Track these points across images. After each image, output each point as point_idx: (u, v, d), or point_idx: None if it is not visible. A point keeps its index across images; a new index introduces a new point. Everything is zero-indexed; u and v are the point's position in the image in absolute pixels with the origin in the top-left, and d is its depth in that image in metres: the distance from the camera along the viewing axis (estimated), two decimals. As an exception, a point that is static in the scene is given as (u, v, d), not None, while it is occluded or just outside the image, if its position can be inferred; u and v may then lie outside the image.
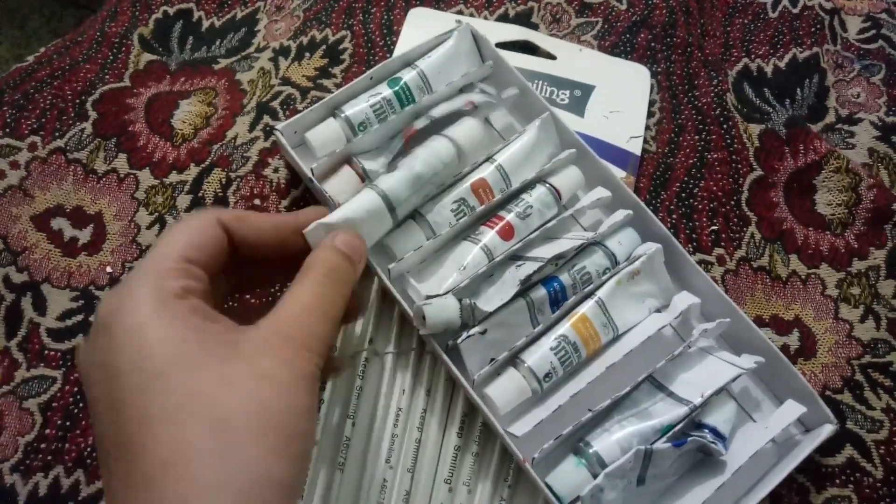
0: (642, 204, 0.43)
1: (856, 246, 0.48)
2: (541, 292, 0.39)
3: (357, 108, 0.44)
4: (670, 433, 0.37)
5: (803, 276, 0.47)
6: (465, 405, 0.40)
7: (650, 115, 0.51)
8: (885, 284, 0.47)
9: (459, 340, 0.37)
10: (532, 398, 0.38)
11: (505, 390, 0.37)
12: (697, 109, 0.51)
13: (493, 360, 0.38)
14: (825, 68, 0.54)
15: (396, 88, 0.45)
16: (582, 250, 0.41)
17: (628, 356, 0.38)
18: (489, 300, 0.39)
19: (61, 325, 0.43)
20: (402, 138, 0.43)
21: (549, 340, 0.39)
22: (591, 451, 0.37)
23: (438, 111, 0.44)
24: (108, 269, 0.44)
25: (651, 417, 0.38)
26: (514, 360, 0.39)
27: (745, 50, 0.55)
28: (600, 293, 0.40)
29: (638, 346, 0.39)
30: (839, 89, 0.54)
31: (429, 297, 0.38)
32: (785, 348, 0.45)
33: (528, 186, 0.43)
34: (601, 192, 0.43)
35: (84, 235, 0.45)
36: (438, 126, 0.44)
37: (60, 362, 0.42)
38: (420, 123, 0.44)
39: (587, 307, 0.40)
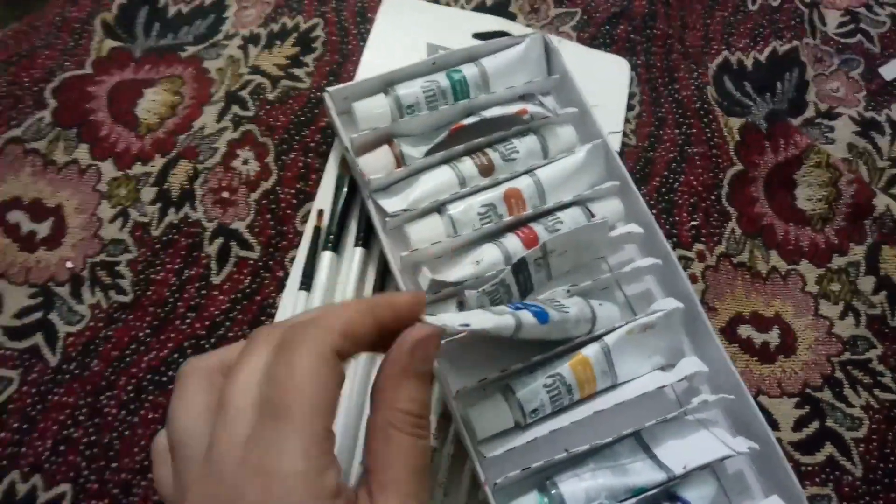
0: (673, 255, 0.41)
1: (836, 241, 0.47)
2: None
3: (410, 89, 0.43)
4: (641, 496, 0.35)
5: (783, 272, 0.46)
6: (438, 408, 0.39)
7: (630, 108, 0.50)
8: (865, 280, 0.46)
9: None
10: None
11: (487, 418, 0.36)
12: (678, 102, 0.50)
13: (483, 379, 0.36)
14: (805, 62, 0.53)
15: (454, 80, 0.43)
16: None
17: (620, 406, 0.36)
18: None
19: (18, 323, 0.41)
20: (447, 130, 0.42)
21: (543, 376, 0.37)
22: (555, 491, 0.35)
23: (491, 112, 0.43)
24: (69, 265, 0.42)
25: (626, 475, 0.36)
26: (503, 387, 0.37)
27: (725, 43, 0.54)
28: (608, 339, 0.38)
29: (632, 400, 0.37)
30: (818, 83, 0.53)
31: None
32: (765, 345, 0.44)
33: (564, 206, 0.41)
34: (634, 228, 0.41)
35: (43, 229, 0.43)
36: (493, 129, 0.42)
37: (17, 362, 0.40)
38: (469, 120, 0.42)
39: (591, 350, 0.38)
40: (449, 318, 0.30)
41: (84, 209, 0.44)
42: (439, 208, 0.41)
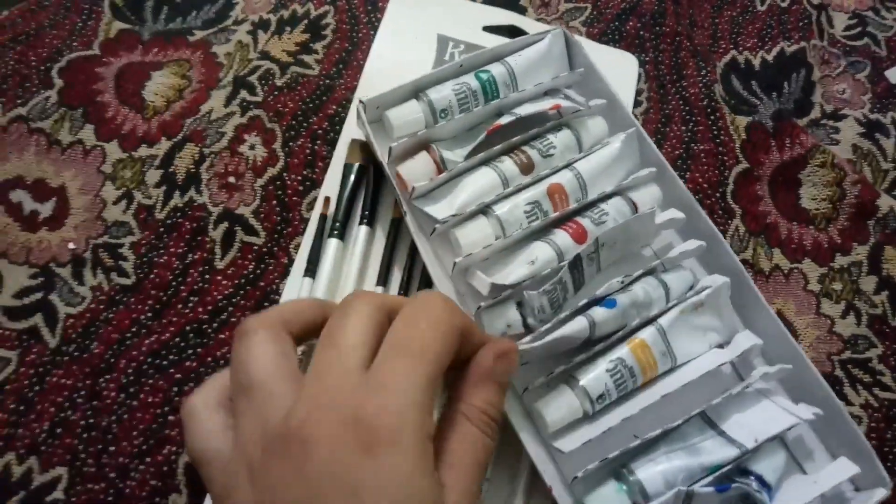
0: (718, 234, 0.41)
1: (839, 241, 0.47)
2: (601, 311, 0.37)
3: (441, 93, 0.42)
4: (716, 475, 0.35)
5: (786, 271, 0.46)
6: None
7: (637, 104, 0.50)
8: (867, 280, 0.46)
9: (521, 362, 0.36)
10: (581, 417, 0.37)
11: (556, 408, 0.35)
12: (685, 100, 0.50)
13: (549, 374, 0.36)
14: (812, 63, 0.54)
15: (483, 81, 0.43)
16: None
17: (684, 388, 0.36)
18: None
19: (18, 304, 0.40)
20: (485, 132, 0.42)
21: (605, 362, 0.37)
22: (633, 478, 0.35)
23: (524, 110, 0.43)
24: (71, 246, 0.42)
25: (699, 454, 0.35)
26: (568, 377, 0.37)
27: (733, 42, 0.54)
28: (662, 321, 0.38)
29: (695, 380, 0.37)
30: (825, 85, 0.53)
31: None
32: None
33: (606, 197, 0.41)
34: (675, 214, 0.41)
35: (45, 209, 0.43)
36: (528, 127, 0.42)
37: (16, 343, 0.39)
38: (505, 120, 0.42)
39: (647, 333, 0.38)
40: (532, 346, 0.35)
41: (88, 190, 0.43)
42: (484, 210, 0.40)
